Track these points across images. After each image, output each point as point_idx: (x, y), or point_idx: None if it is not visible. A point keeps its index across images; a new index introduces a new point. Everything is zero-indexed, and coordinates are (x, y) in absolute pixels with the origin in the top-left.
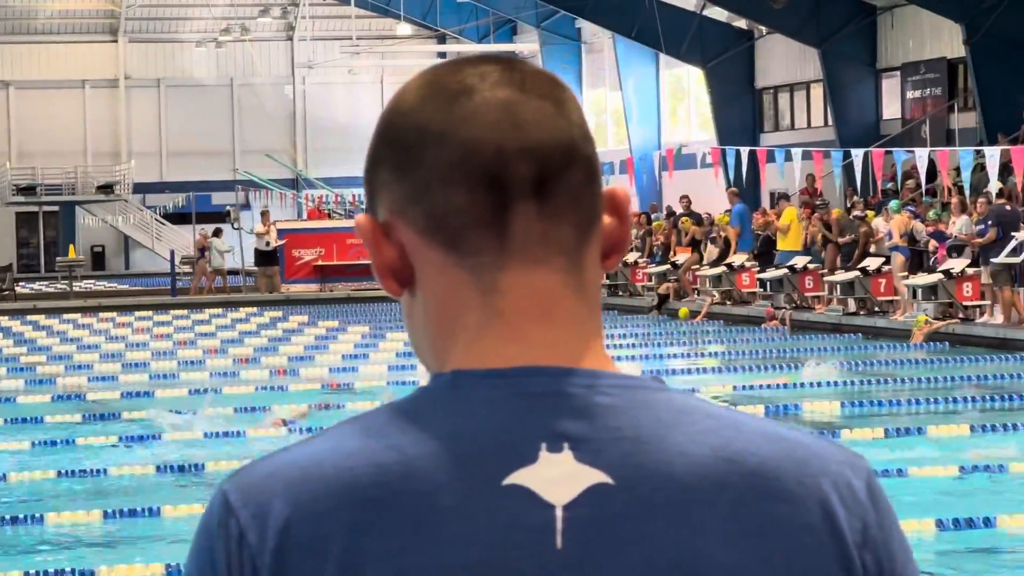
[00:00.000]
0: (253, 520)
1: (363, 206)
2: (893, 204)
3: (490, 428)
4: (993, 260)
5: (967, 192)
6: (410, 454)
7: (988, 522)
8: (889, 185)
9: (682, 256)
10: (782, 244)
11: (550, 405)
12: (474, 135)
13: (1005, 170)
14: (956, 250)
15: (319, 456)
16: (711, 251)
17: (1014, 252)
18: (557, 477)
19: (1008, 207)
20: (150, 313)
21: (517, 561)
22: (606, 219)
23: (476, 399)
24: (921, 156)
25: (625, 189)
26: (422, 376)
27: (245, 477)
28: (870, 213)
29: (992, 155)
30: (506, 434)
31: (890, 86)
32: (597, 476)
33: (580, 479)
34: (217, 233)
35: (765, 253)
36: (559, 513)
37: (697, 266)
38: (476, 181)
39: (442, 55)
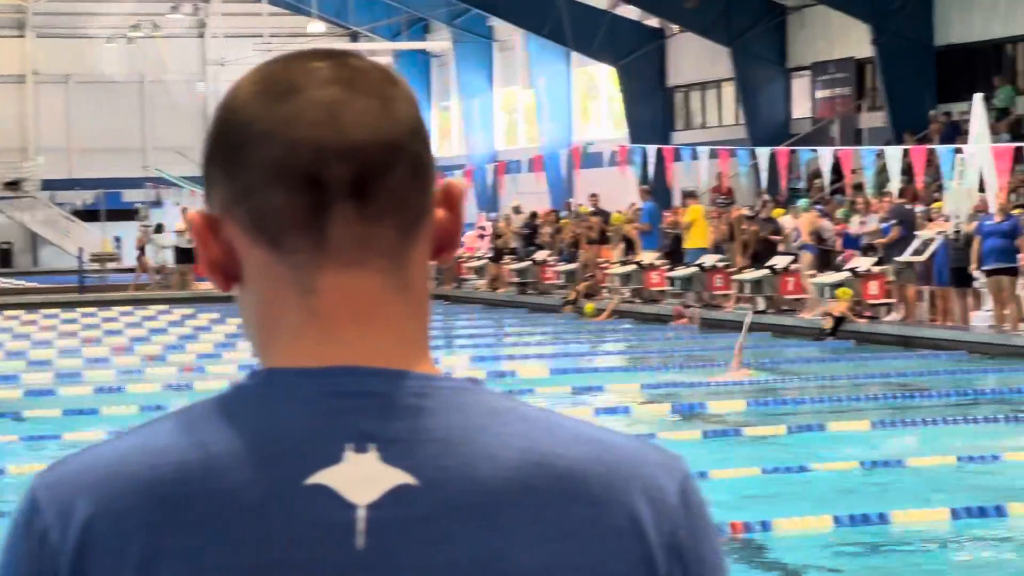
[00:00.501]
0: (57, 519)
1: None
2: (802, 203)
3: (297, 427)
4: (897, 259)
5: (868, 191)
6: (214, 452)
7: (883, 518)
8: (801, 184)
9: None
10: (688, 242)
11: (359, 405)
12: (296, 135)
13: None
14: (871, 249)
15: (127, 453)
16: (619, 249)
17: (918, 251)
18: (361, 477)
19: (908, 206)
20: (57, 311)
21: (317, 561)
22: (439, 212)
23: (286, 398)
24: (825, 155)
25: (461, 182)
26: None
27: (53, 474)
28: (778, 211)
29: (893, 155)
30: (313, 433)
31: (800, 85)
32: (402, 477)
33: (384, 480)
34: (159, 229)
35: (675, 251)
36: (361, 513)
37: (606, 263)
38: (295, 182)
39: None
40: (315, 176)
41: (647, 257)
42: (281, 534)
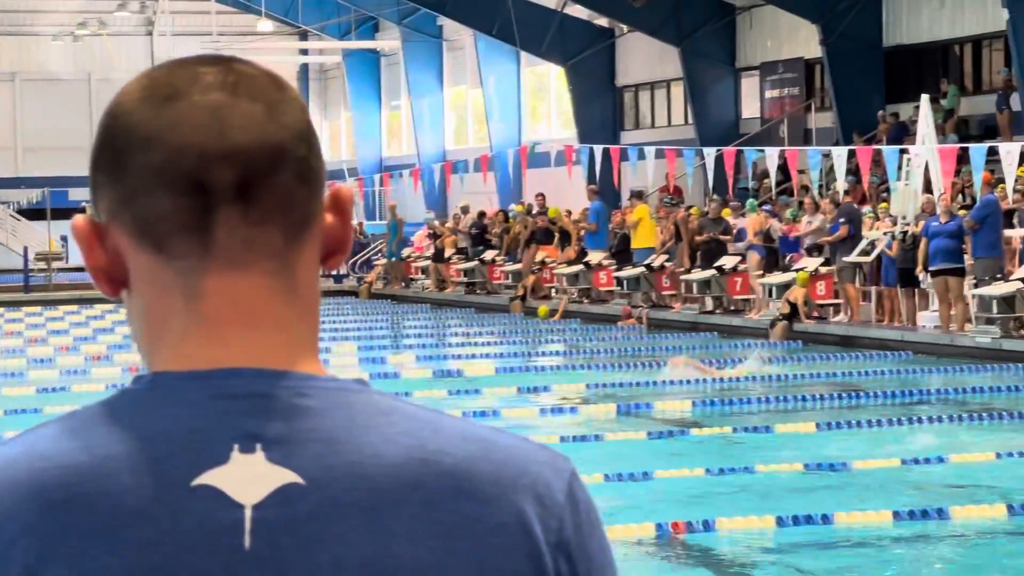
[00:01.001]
0: None
1: None
2: (749, 203)
3: (184, 429)
4: (845, 259)
5: (815, 191)
6: (100, 455)
7: (826, 519)
8: (751, 184)
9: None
10: (636, 242)
11: (246, 407)
12: (179, 140)
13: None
14: (818, 249)
15: (11, 459)
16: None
17: (865, 252)
18: (248, 478)
19: (856, 205)
20: (1, 311)
21: (203, 562)
22: (328, 218)
23: (173, 400)
24: (771, 155)
25: (350, 188)
26: None
27: None
28: (726, 211)
29: (840, 155)
30: (199, 435)
31: (749, 85)
32: (288, 476)
33: (271, 479)
34: None
35: (623, 251)
36: (248, 513)
37: (553, 263)
38: (180, 186)
39: (304, 51)
40: (199, 180)
41: (595, 257)
42: (169, 536)
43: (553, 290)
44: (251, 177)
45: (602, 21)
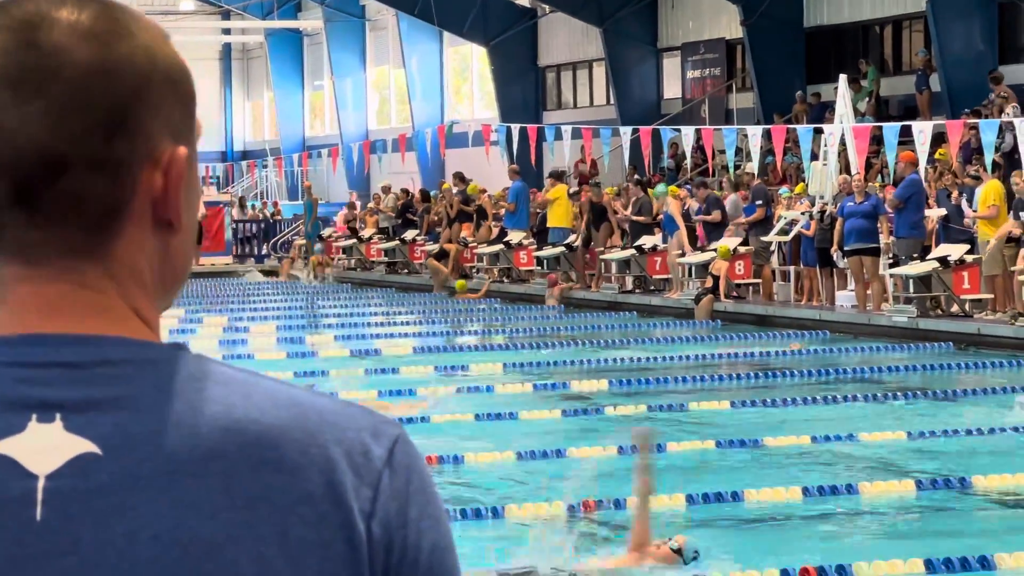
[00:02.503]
0: None
1: None
2: (660, 188)
3: None
4: (763, 238)
5: (730, 172)
6: None
7: (735, 496)
8: (664, 163)
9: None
10: (552, 221)
11: (47, 375)
12: None
13: (783, 150)
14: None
15: None
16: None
17: (784, 231)
18: (44, 447)
19: (769, 186)
20: None
21: None
22: (157, 184)
23: None
24: (688, 135)
25: (183, 153)
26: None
27: None
28: (650, 191)
29: (755, 134)
30: None
31: (671, 66)
32: (85, 446)
33: (67, 449)
34: None
35: (543, 231)
36: (40, 483)
37: (474, 243)
38: None
39: (226, 31)
40: None
41: (515, 237)
42: None
43: (475, 270)
44: (29, 183)
45: (524, 1)
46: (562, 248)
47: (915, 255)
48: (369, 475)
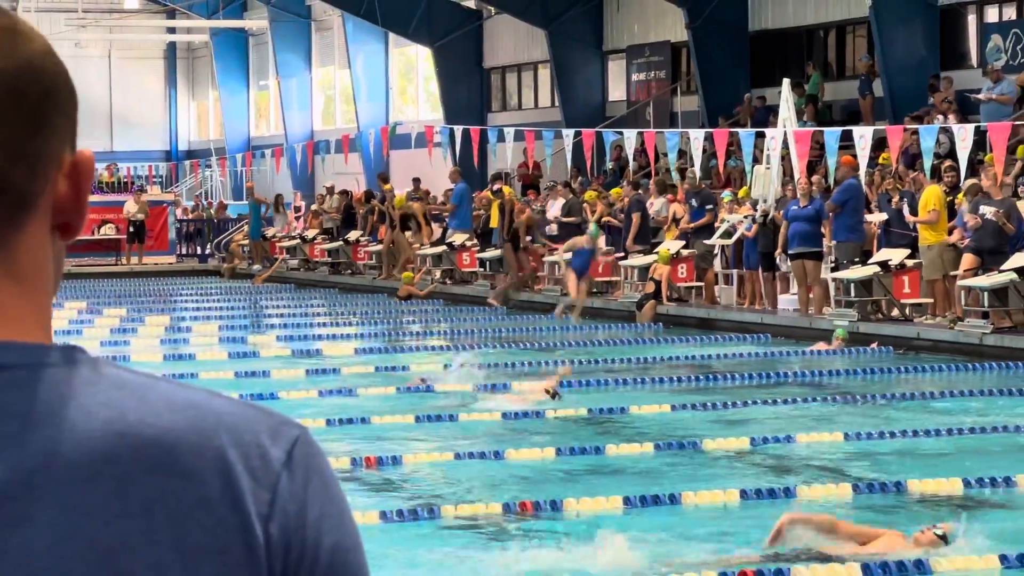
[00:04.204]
0: None
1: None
2: (593, 229)
3: None
4: (705, 241)
5: (673, 174)
6: None
7: (673, 499)
8: (608, 166)
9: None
10: (494, 222)
11: None
12: None
13: (727, 154)
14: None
15: None
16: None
17: (727, 234)
18: None
19: (715, 190)
20: None
21: None
22: (63, 188)
23: None
24: (630, 138)
25: (90, 156)
26: (135, 351)
27: None
28: (590, 194)
29: (697, 138)
30: None
31: (616, 68)
32: None
33: None
34: None
35: (486, 233)
36: None
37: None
38: None
39: (171, 30)
40: None
41: (458, 238)
42: None
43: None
44: None
45: (470, 3)
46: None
47: (855, 259)
48: (267, 477)
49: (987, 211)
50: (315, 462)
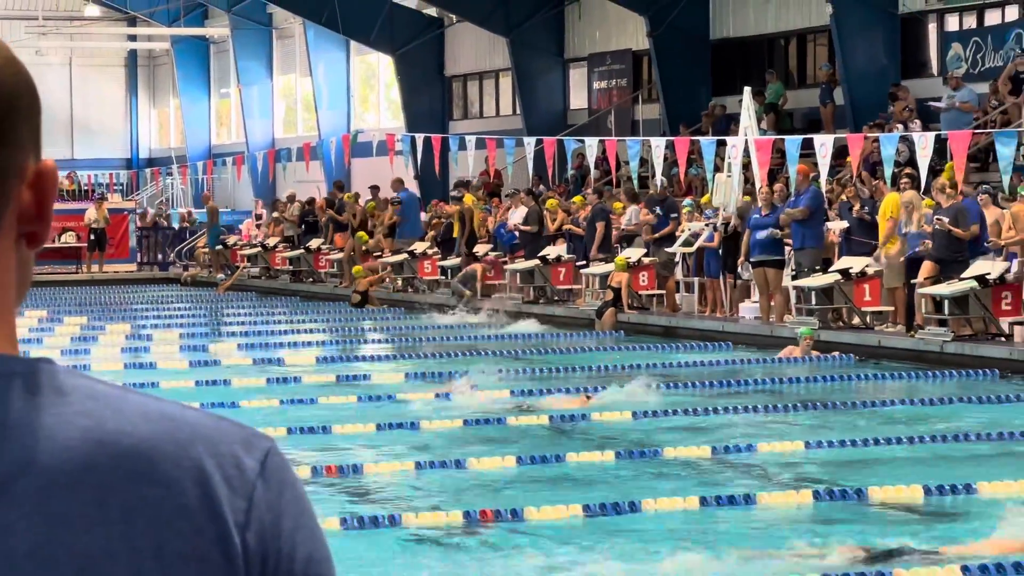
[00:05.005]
0: None
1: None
2: (550, 203)
3: None
4: (667, 249)
5: (634, 183)
6: None
7: (633, 507)
8: (569, 173)
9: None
10: (458, 231)
11: None
12: None
13: (688, 162)
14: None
15: None
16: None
17: (688, 243)
18: None
19: (677, 198)
20: None
21: None
22: (26, 197)
23: None
24: (591, 146)
25: (53, 165)
26: (95, 360)
27: None
28: (552, 202)
29: (659, 146)
30: None
31: (577, 76)
32: None
33: None
34: None
35: (449, 240)
36: None
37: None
38: None
39: (132, 38)
40: None
41: (419, 246)
42: None
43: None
44: None
45: (431, 11)
46: (465, 257)
47: (817, 267)
48: (243, 487)
49: (935, 221)
50: (287, 474)
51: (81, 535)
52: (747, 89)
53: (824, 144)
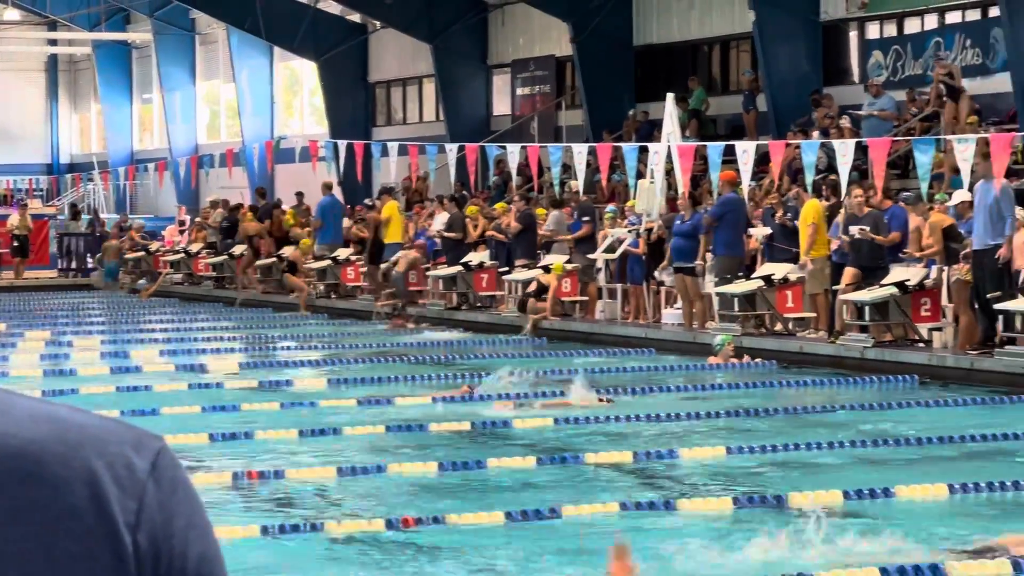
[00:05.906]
0: None
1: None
2: (472, 209)
3: None
4: (589, 256)
5: (557, 189)
6: None
7: (554, 512)
8: (491, 180)
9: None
10: (387, 238)
11: None
12: None
13: (611, 168)
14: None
15: None
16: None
17: (611, 249)
18: None
19: (599, 204)
20: None
21: None
22: None
23: None
24: (514, 152)
25: None
26: (14, 367)
27: None
28: (472, 208)
29: (580, 152)
30: None
31: (501, 82)
32: None
33: None
34: None
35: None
36: None
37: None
38: None
39: (52, 42)
40: None
41: (343, 253)
42: None
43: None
44: None
45: (355, 17)
46: (391, 264)
47: (733, 275)
48: (133, 487)
49: (854, 231)
50: (179, 473)
51: None
52: (670, 95)
53: (747, 151)
